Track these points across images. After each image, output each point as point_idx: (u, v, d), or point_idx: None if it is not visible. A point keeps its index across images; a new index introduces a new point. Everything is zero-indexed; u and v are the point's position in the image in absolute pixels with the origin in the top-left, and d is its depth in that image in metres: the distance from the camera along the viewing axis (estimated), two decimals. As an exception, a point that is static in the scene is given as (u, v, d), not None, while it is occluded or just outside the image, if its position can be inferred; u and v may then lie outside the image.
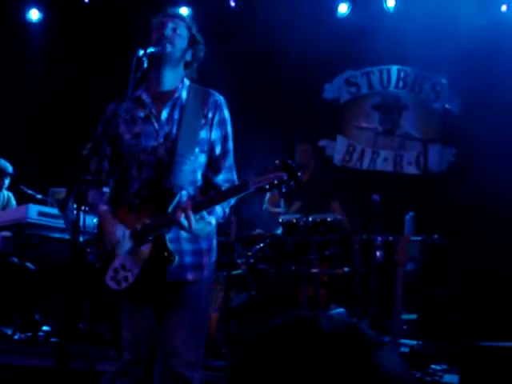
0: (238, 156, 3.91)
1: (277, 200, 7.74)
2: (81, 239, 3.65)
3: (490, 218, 8.36)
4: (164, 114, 3.75)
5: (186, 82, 3.87)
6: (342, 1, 9.50)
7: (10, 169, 8.10)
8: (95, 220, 3.86)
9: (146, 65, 3.62)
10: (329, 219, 7.00)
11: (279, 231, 7.25)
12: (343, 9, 9.53)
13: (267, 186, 3.42)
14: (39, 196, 7.71)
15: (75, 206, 3.36)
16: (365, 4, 9.35)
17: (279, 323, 1.51)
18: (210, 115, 3.78)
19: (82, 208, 3.37)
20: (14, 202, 8.27)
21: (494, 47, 8.87)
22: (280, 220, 7.15)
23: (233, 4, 9.56)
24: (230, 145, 3.86)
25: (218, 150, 3.81)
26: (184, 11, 8.94)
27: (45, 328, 7.40)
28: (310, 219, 6.83)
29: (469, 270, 8.12)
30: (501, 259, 8.06)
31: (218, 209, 3.69)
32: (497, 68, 8.81)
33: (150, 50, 3.65)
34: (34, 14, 10.16)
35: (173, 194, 3.62)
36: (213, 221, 3.66)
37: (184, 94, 3.80)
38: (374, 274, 6.93)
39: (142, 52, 3.59)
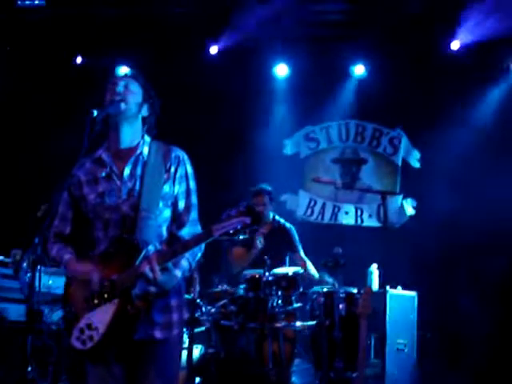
0: (200, 210, 3.91)
1: (244, 255, 7.69)
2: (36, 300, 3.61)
3: (452, 268, 8.46)
4: (126, 171, 3.75)
5: (147, 138, 3.87)
6: (278, 62, 9.70)
7: None
8: (51, 281, 3.84)
9: (100, 126, 3.64)
10: (290, 274, 7.00)
11: (242, 287, 7.21)
12: (282, 71, 9.71)
13: (231, 231, 3.45)
14: (0, 258, 7.64)
15: (30, 267, 3.35)
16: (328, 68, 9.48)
17: None
18: (172, 170, 3.78)
19: (38, 269, 3.35)
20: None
21: (451, 100, 9.09)
22: (242, 276, 7.13)
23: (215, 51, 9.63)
24: (194, 199, 3.86)
25: (181, 205, 3.81)
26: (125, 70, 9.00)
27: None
28: (272, 274, 6.82)
29: (431, 320, 8.16)
30: (463, 308, 8.12)
31: (184, 262, 3.67)
32: (453, 121, 9.01)
33: (105, 110, 3.67)
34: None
35: (139, 249, 3.59)
36: (179, 274, 3.64)
37: (145, 150, 3.81)
38: (337, 326, 6.91)
39: (96, 112, 3.61)
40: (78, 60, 9.85)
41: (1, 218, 9.62)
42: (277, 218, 7.82)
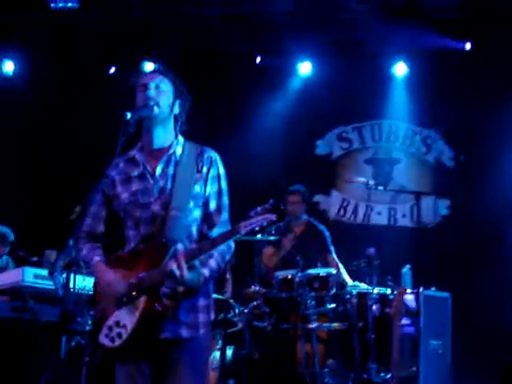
0: (233, 212, 3.90)
1: (272, 258, 7.75)
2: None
3: (486, 268, 8.39)
4: (158, 170, 3.76)
5: (181, 138, 3.88)
6: (303, 60, 9.62)
7: (11, 237, 8.21)
8: (86, 282, 3.86)
9: (133, 128, 3.66)
10: (322, 274, 7.00)
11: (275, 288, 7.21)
12: (306, 69, 9.65)
13: (257, 229, 3.43)
14: (34, 258, 7.70)
15: (65, 269, 3.37)
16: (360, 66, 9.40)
17: None
18: (204, 170, 3.78)
19: (72, 270, 3.38)
20: (11, 266, 8.30)
21: (483, 99, 9.01)
22: (274, 277, 7.15)
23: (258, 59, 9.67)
24: (225, 200, 3.85)
25: (212, 205, 3.80)
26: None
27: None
28: (304, 275, 6.82)
29: (467, 320, 8.10)
30: (498, 309, 8.05)
31: (212, 262, 3.67)
32: (486, 118, 8.93)
33: (137, 113, 3.68)
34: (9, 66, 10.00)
35: (167, 247, 3.60)
36: (206, 273, 3.64)
37: (178, 150, 3.82)
38: (370, 328, 6.90)
39: (129, 115, 3.62)
40: (112, 70, 9.93)
41: (35, 218, 9.73)
42: (311, 220, 7.86)
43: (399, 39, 9.02)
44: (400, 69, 9.43)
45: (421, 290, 7.35)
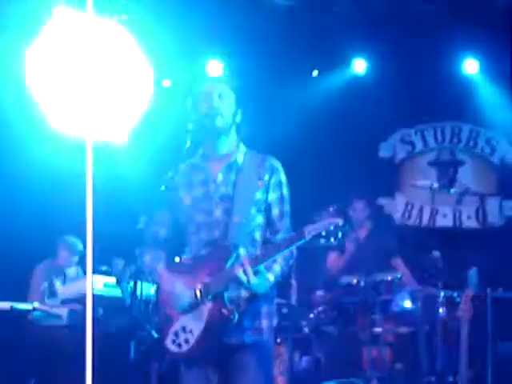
0: (294, 217, 3.93)
1: (337, 262, 7.75)
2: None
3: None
4: (220, 177, 3.83)
5: (243, 147, 3.94)
6: (357, 57, 9.45)
7: (80, 246, 8.34)
8: (153, 289, 3.92)
9: (196, 136, 3.73)
10: (389, 278, 6.98)
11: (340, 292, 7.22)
12: (360, 67, 9.54)
13: (323, 233, 3.46)
14: (104, 267, 7.83)
15: (132, 278, 3.45)
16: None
17: None
18: (266, 178, 3.83)
19: (139, 278, 3.46)
20: (81, 275, 8.46)
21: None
22: (340, 281, 7.16)
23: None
24: (287, 207, 3.89)
25: (275, 212, 3.84)
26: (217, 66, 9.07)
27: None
28: (370, 279, 6.82)
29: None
30: None
31: (277, 267, 3.70)
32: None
33: (201, 123, 3.76)
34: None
35: (230, 252, 3.65)
36: (271, 278, 3.68)
37: (240, 158, 3.88)
38: (438, 331, 6.85)
39: (191, 126, 3.69)
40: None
41: (104, 228, 9.86)
42: (376, 224, 7.85)
43: (464, 38, 8.86)
44: (467, 69, 9.28)
45: (488, 291, 7.28)
